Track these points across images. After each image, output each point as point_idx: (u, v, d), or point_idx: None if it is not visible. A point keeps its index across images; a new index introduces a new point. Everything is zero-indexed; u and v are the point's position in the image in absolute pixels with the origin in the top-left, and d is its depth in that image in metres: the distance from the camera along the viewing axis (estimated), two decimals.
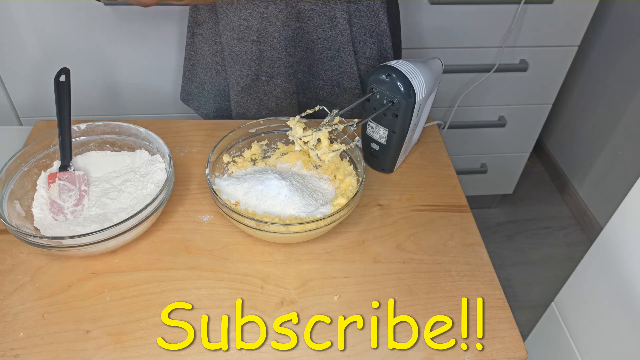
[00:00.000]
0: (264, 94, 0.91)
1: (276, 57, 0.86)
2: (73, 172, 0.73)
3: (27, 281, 0.65)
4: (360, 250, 0.71)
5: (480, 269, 0.70)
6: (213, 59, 0.93)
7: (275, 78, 0.89)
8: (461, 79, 1.33)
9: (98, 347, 0.59)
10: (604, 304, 0.78)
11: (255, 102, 0.93)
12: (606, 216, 1.60)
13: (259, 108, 0.93)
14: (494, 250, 1.69)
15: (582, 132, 1.75)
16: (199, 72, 0.98)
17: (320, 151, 0.69)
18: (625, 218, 0.73)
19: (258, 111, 0.94)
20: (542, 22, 1.24)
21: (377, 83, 0.72)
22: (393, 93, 0.71)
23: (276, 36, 0.83)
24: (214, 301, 0.64)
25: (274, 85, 0.90)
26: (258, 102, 0.92)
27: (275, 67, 0.87)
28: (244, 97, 0.92)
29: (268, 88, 0.90)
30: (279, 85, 0.90)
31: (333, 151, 0.70)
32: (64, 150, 0.73)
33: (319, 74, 0.90)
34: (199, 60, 0.96)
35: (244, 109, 0.94)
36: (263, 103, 0.92)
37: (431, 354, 0.60)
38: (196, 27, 0.92)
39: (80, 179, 0.73)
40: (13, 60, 1.14)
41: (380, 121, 0.76)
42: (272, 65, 0.87)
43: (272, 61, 0.87)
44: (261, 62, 0.87)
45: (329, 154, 0.69)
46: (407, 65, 0.72)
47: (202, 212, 0.74)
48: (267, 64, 0.87)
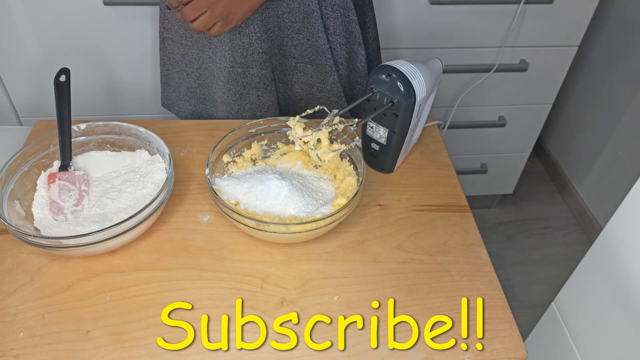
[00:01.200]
0: (242, 87, 0.91)
1: (247, 43, 0.85)
2: (73, 172, 0.73)
3: (27, 281, 0.65)
4: (360, 250, 0.71)
5: (480, 269, 0.70)
6: (182, 60, 0.94)
7: (251, 67, 0.88)
8: (461, 79, 1.33)
9: (98, 347, 0.59)
10: (604, 304, 0.78)
11: (236, 97, 0.92)
12: (606, 216, 1.60)
13: (241, 103, 0.92)
14: (494, 250, 1.69)
15: (582, 132, 1.75)
16: (173, 76, 0.98)
17: (320, 151, 0.69)
18: (625, 218, 0.73)
19: (241, 107, 0.93)
20: (542, 22, 1.24)
21: (377, 83, 0.72)
22: (393, 93, 0.71)
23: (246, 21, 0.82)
24: (214, 301, 0.64)
25: (251, 75, 0.89)
26: (238, 96, 0.92)
27: (248, 55, 0.86)
28: (224, 94, 0.92)
29: (245, 80, 0.90)
30: (256, 75, 0.89)
31: (333, 151, 0.70)
32: (64, 150, 0.73)
33: (290, 52, 0.89)
34: (171, 64, 0.96)
35: (227, 107, 0.94)
36: (244, 97, 0.92)
37: (431, 354, 0.60)
38: (165, 32, 0.92)
39: (80, 179, 0.73)
40: (13, 60, 1.14)
41: (380, 121, 0.76)
42: (245, 54, 0.86)
43: (244, 49, 0.86)
44: (234, 52, 0.86)
45: (329, 154, 0.69)
46: (407, 65, 0.72)
47: (202, 212, 0.74)
48: (240, 53, 0.86)
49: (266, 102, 0.93)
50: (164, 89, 1.02)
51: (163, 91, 1.02)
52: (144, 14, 1.10)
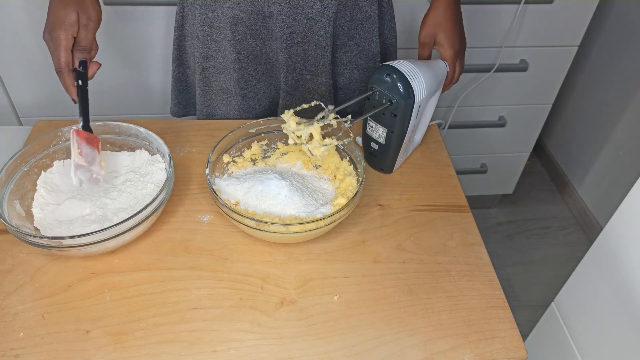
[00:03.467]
0: (303, 92, 0.91)
1: (321, 55, 0.86)
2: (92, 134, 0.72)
3: (27, 281, 0.65)
4: (360, 250, 0.71)
5: (480, 269, 0.70)
6: (235, 85, 0.91)
7: (320, 76, 0.89)
8: (461, 79, 1.33)
9: (98, 347, 0.59)
10: (604, 304, 0.78)
11: (295, 103, 0.92)
12: (606, 216, 1.60)
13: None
14: (494, 250, 1.69)
15: (582, 132, 1.75)
16: (218, 104, 0.95)
17: (311, 145, 0.69)
18: (625, 218, 0.73)
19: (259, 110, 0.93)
20: (542, 22, 1.24)
21: (378, 83, 0.72)
22: (392, 93, 0.71)
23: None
24: (214, 301, 0.64)
25: (318, 83, 0.90)
26: (298, 102, 0.91)
27: (320, 65, 0.87)
28: (285, 98, 0.92)
29: (311, 86, 0.90)
30: (323, 84, 0.90)
31: (324, 145, 0.69)
32: (85, 113, 0.71)
33: (341, 58, 0.90)
34: (215, 93, 0.94)
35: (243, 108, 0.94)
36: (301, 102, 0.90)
37: (431, 354, 0.60)
38: (205, 61, 0.89)
39: (96, 144, 0.72)
40: (13, 60, 1.14)
41: (379, 120, 0.76)
42: (317, 63, 0.87)
43: (317, 60, 0.87)
44: (306, 61, 0.87)
45: (320, 149, 0.69)
46: (408, 65, 0.72)
47: (202, 212, 0.74)
48: (312, 63, 0.87)
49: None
50: (206, 119, 0.96)
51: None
52: (144, 14, 1.10)
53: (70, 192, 0.73)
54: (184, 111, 1.01)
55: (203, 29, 0.84)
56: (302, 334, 0.61)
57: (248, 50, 0.86)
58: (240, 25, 0.83)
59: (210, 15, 0.82)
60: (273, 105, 0.96)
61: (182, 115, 1.01)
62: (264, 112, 0.96)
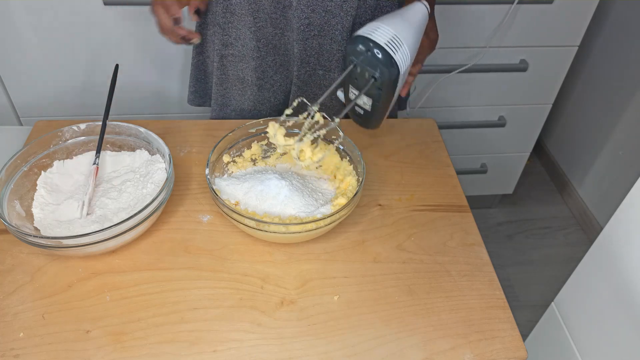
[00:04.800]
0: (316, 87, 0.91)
1: (335, 50, 0.85)
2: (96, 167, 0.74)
3: (27, 281, 0.65)
4: (360, 250, 0.71)
5: (480, 269, 0.70)
6: (251, 74, 0.92)
7: (332, 72, 0.88)
8: (460, 78, 1.33)
9: (98, 347, 0.59)
10: (604, 304, 0.78)
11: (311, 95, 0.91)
12: (606, 216, 1.60)
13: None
14: (494, 250, 1.69)
15: (582, 132, 1.75)
16: (233, 94, 0.95)
17: (304, 163, 0.67)
18: (625, 218, 0.73)
19: None
20: (542, 22, 1.24)
21: (355, 55, 0.66)
22: (373, 67, 0.65)
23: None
24: (214, 301, 0.64)
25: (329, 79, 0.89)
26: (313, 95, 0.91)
27: (334, 60, 0.86)
28: (296, 92, 0.92)
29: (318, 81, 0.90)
30: (331, 79, 0.89)
31: (317, 162, 0.68)
32: (100, 146, 0.74)
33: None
34: (230, 82, 0.94)
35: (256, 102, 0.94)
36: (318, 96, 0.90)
37: (431, 354, 0.60)
38: (224, 49, 0.89)
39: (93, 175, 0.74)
40: (13, 60, 1.14)
41: (362, 89, 0.70)
42: (331, 59, 0.87)
43: (331, 54, 0.86)
44: (319, 57, 0.87)
45: (313, 164, 0.68)
46: (386, 31, 0.64)
47: (202, 212, 0.74)
48: (326, 57, 0.86)
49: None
50: (220, 109, 0.97)
51: (218, 113, 0.98)
52: (144, 14, 1.10)
53: (70, 192, 0.73)
54: (200, 100, 1.01)
55: (225, 15, 0.84)
56: (302, 334, 0.61)
57: (267, 38, 0.86)
58: (261, 12, 0.83)
59: (233, 1, 0.82)
60: (288, 99, 0.96)
61: (198, 105, 1.02)
62: (278, 104, 0.95)
